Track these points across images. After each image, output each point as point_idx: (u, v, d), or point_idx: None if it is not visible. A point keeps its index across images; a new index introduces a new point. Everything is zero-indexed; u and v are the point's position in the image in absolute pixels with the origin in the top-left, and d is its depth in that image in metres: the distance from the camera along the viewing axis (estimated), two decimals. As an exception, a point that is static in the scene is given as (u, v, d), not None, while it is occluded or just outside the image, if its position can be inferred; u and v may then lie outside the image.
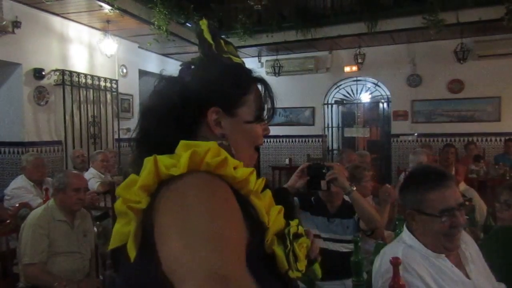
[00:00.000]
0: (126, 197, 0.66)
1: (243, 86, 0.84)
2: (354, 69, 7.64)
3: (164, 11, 5.47)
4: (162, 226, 0.60)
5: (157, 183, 0.65)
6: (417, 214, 1.44)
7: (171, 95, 0.79)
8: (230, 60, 0.86)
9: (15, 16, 4.61)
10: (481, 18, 5.82)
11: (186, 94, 0.78)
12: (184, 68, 0.85)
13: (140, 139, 0.81)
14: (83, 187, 2.60)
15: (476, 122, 6.96)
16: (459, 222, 1.36)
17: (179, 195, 0.62)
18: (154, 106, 0.80)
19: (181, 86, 0.80)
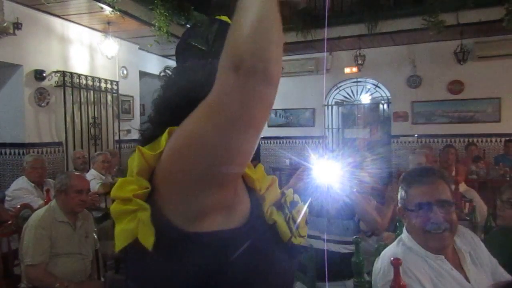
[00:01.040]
0: (121, 195, 0.68)
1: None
2: (354, 70, 7.65)
3: (165, 12, 5.48)
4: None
5: (148, 169, 0.69)
6: (404, 211, 1.48)
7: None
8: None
9: (16, 17, 4.61)
10: (481, 19, 5.83)
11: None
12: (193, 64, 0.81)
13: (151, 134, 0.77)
14: (85, 188, 2.61)
15: (476, 123, 6.97)
16: (438, 219, 1.36)
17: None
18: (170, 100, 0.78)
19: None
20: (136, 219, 0.67)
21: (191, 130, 0.63)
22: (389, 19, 6.33)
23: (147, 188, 0.68)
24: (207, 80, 0.66)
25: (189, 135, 0.63)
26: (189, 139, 0.63)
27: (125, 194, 0.68)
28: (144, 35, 6.04)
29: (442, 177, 1.48)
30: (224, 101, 0.57)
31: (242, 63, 0.55)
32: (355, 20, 6.52)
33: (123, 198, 0.68)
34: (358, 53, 7.37)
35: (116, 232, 0.69)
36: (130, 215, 0.68)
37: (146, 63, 7.34)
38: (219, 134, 0.59)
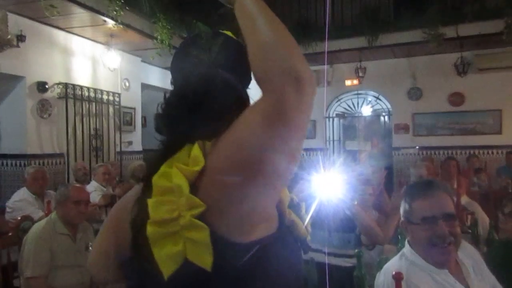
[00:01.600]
0: (164, 216, 0.65)
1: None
2: (355, 83, 7.68)
3: (167, 25, 5.53)
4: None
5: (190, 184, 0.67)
6: (407, 224, 1.46)
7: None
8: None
9: (20, 30, 4.66)
10: (480, 32, 5.88)
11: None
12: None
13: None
14: (84, 200, 2.58)
15: (477, 134, 6.97)
16: (444, 232, 1.35)
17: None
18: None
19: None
20: (181, 240, 0.64)
21: (252, 142, 0.63)
22: (389, 32, 6.38)
23: (201, 206, 0.65)
24: (226, 92, 0.73)
25: (251, 146, 0.63)
26: (252, 151, 0.63)
27: (168, 214, 0.65)
28: (147, 48, 6.09)
29: (445, 190, 1.48)
30: (285, 111, 0.60)
31: (299, 75, 0.60)
32: (355, 33, 6.57)
33: (165, 220, 0.65)
34: (359, 66, 7.41)
35: (160, 257, 0.64)
36: (173, 237, 0.65)
37: (148, 75, 7.39)
38: (283, 142, 0.62)
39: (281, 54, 0.63)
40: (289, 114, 0.61)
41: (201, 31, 0.86)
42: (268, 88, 0.62)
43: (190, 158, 0.68)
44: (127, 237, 0.74)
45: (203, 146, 0.69)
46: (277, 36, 0.65)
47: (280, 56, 0.62)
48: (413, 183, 1.63)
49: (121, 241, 0.78)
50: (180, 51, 0.89)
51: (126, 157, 6.51)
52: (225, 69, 0.77)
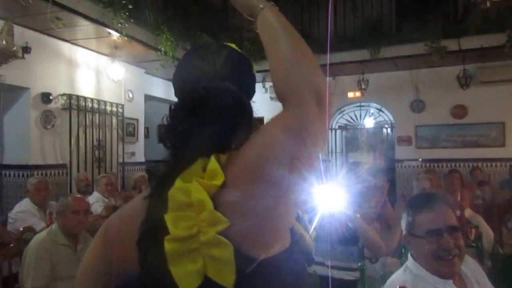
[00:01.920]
0: (185, 233, 0.62)
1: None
2: (358, 95, 7.70)
3: (171, 37, 5.59)
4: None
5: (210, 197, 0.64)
6: (410, 237, 1.46)
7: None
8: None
9: (26, 42, 4.72)
10: (483, 45, 5.90)
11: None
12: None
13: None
14: (82, 209, 2.57)
15: (480, 147, 6.95)
16: (449, 245, 1.34)
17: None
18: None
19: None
20: (200, 257, 0.62)
21: (277, 155, 0.63)
22: (392, 45, 6.42)
23: (225, 222, 0.62)
24: (236, 105, 0.73)
25: (276, 160, 0.63)
26: (277, 164, 0.63)
27: (188, 231, 0.62)
28: (150, 59, 6.14)
29: (447, 202, 1.48)
30: (308, 124, 0.63)
31: (320, 90, 0.64)
32: (358, 46, 6.61)
33: (185, 236, 0.62)
34: (361, 78, 7.44)
35: (179, 275, 0.62)
36: (192, 254, 0.62)
37: (151, 87, 7.43)
38: (306, 155, 0.64)
39: (303, 70, 0.66)
40: (311, 127, 0.63)
41: (205, 43, 0.84)
42: (290, 102, 0.64)
43: (208, 172, 0.66)
44: (127, 254, 0.71)
45: (218, 160, 0.67)
46: (299, 52, 0.69)
47: (302, 72, 0.65)
48: (415, 196, 1.63)
49: (119, 259, 0.75)
50: (183, 62, 0.87)
51: (128, 168, 6.52)
52: (230, 81, 0.77)
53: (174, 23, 5.78)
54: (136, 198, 0.86)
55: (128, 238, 0.72)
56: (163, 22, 5.55)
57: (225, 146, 0.71)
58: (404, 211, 1.52)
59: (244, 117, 0.77)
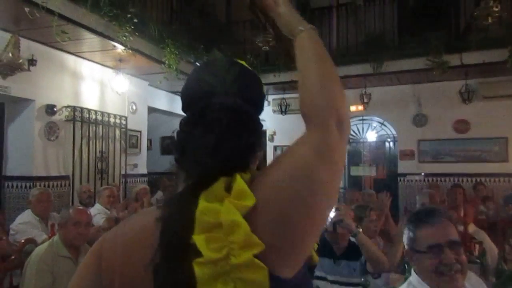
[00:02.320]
0: (218, 255, 0.61)
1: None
2: (360, 108, 7.72)
3: (175, 51, 5.64)
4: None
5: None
6: (412, 253, 1.45)
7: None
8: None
9: (32, 54, 4.77)
10: (485, 61, 5.93)
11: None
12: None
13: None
14: (83, 221, 2.56)
15: (483, 162, 6.92)
16: (451, 260, 1.33)
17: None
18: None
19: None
20: (230, 280, 0.60)
21: (308, 175, 0.65)
22: (394, 59, 6.46)
23: (260, 246, 0.61)
24: (255, 123, 0.76)
25: (307, 178, 0.65)
26: (309, 183, 0.65)
27: (219, 253, 0.61)
28: (154, 72, 6.19)
29: (449, 217, 1.48)
30: (331, 144, 0.67)
31: (342, 116, 0.69)
32: (360, 60, 6.65)
33: (216, 259, 0.61)
34: (364, 92, 7.46)
35: None
36: (222, 277, 0.61)
37: (154, 99, 7.48)
38: (332, 175, 0.67)
39: (330, 95, 0.71)
40: (335, 147, 0.67)
41: (215, 58, 0.83)
42: (315, 123, 0.69)
43: (235, 192, 0.65)
44: (132, 276, 0.70)
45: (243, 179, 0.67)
46: (329, 77, 0.74)
47: (329, 97, 0.70)
48: (416, 211, 1.62)
49: (120, 281, 0.72)
50: (193, 77, 0.85)
51: (130, 180, 6.52)
52: (242, 99, 0.77)
53: (179, 37, 5.85)
54: (138, 217, 0.83)
55: (135, 259, 0.70)
56: (167, 36, 5.61)
57: (245, 165, 0.72)
58: (406, 226, 1.52)
59: (259, 135, 0.78)
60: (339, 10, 7.52)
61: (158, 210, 0.70)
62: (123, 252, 0.73)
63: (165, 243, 0.65)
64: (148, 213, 0.76)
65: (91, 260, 0.80)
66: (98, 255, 0.78)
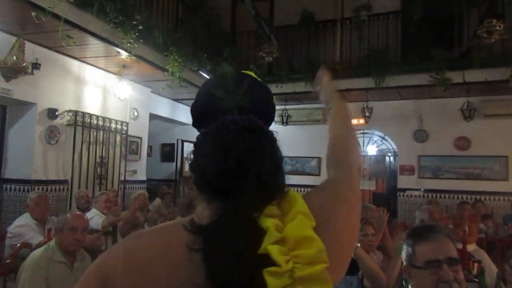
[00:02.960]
0: (287, 267, 0.63)
1: None
2: (361, 122, 7.73)
3: (179, 59, 5.67)
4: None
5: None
6: (410, 268, 1.44)
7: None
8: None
9: (36, 58, 4.79)
10: (487, 79, 5.95)
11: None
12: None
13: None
14: (80, 227, 2.54)
15: (483, 180, 6.91)
16: (449, 277, 1.32)
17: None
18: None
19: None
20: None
21: (350, 205, 0.81)
22: (396, 75, 6.48)
23: (327, 262, 0.64)
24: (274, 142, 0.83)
25: (349, 207, 0.80)
26: (350, 212, 0.80)
27: (286, 266, 0.62)
28: (157, 79, 6.22)
29: (447, 234, 1.47)
30: (358, 183, 0.90)
31: (360, 167, 0.94)
32: (362, 74, 6.68)
33: (284, 271, 0.62)
34: (366, 105, 7.48)
35: None
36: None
37: (156, 106, 7.50)
38: (360, 202, 0.89)
39: (353, 150, 0.97)
40: (358, 182, 0.89)
41: (225, 72, 0.82)
42: (344, 168, 0.89)
43: (295, 212, 0.69)
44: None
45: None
46: (352, 137, 1.04)
47: (353, 151, 0.96)
48: (415, 227, 1.62)
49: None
50: (204, 92, 0.83)
51: (129, 186, 6.50)
52: (255, 113, 0.78)
53: (183, 45, 5.88)
54: (155, 235, 0.77)
55: (156, 279, 0.68)
56: (172, 44, 5.64)
57: (282, 183, 0.75)
58: (405, 242, 1.51)
59: (278, 152, 0.82)
60: (343, 24, 7.58)
61: (178, 229, 0.70)
62: (140, 271, 0.70)
63: (232, 255, 0.64)
64: (167, 231, 0.76)
65: (95, 274, 0.74)
66: (103, 271, 0.73)
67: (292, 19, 7.64)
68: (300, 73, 7.10)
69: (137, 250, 0.73)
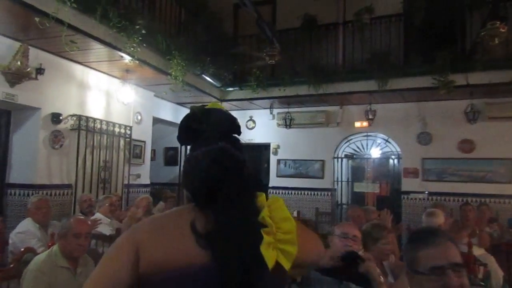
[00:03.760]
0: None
1: None
2: (365, 125, 7.72)
3: (182, 62, 5.68)
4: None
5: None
6: (412, 274, 1.40)
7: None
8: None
9: (40, 63, 4.82)
10: (490, 81, 5.92)
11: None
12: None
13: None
14: (84, 232, 2.55)
15: (488, 183, 6.85)
16: (453, 284, 1.29)
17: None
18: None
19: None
20: (275, 248, 0.96)
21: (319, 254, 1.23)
22: (400, 77, 6.46)
23: (295, 234, 1.00)
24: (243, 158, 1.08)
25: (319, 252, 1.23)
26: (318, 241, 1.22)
27: (274, 230, 0.97)
28: (160, 83, 6.23)
29: (450, 239, 1.44)
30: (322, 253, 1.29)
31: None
32: (366, 77, 6.67)
33: (273, 232, 0.96)
34: (369, 108, 7.47)
35: (267, 255, 0.93)
36: (272, 245, 0.95)
37: (160, 110, 7.52)
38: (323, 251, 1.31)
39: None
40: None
41: (196, 108, 1.12)
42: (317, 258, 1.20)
43: (280, 204, 1.04)
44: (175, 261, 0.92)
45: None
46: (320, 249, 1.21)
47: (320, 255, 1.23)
48: (417, 231, 1.59)
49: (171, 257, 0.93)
50: (183, 126, 1.13)
51: (133, 190, 6.51)
52: (221, 132, 1.07)
53: (185, 49, 5.89)
54: (168, 217, 1.06)
55: (175, 248, 0.93)
56: (175, 48, 5.66)
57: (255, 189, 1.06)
58: (407, 246, 1.48)
59: (244, 164, 1.07)
60: (345, 27, 7.57)
61: (184, 210, 1.01)
62: (164, 242, 0.94)
63: (240, 223, 0.96)
64: (177, 213, 1.05)
65: (127, 243, 0.96)
66: (135, 238, 0.96)
67: (294, 22, 7.64)
68: (303, 76, 7.10)
69: (160, 220, 1.04)
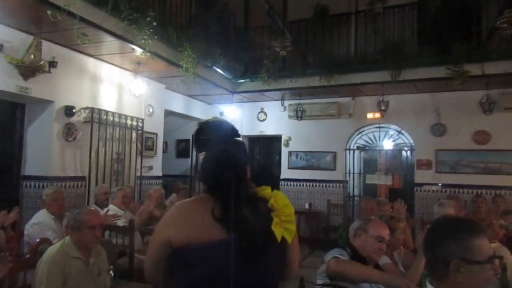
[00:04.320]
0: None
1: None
2: (377, 116, 7.64)
3: (193, 54, 5.68)
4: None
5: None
6: (465, 264, 1.30)
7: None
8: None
9: (53, 56, 4.86)
10: (506, 71, 5.80)
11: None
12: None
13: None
14: (98, 224, 2.58)
15: (503, 175, 6.74)
16: (498, 272, 1.32)
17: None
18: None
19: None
20: (281, 226, 1.33)
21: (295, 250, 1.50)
22: (413, 68, 6.36)
23: (294, 219, 1.41)
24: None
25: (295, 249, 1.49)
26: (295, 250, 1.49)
27: (279, 213, 1.33)
28: (172, 75, 6.24)
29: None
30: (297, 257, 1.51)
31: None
32: (378, 67, 6.59)
33: (279, 214, 1.32)
34: (381, 99, 7.38)
35: (276, 231, 1.29)
36: (279, 223, 1.31)
37: (171, 102, 7.54)
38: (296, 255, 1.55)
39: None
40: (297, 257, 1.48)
41: (202, 123, 1.43)
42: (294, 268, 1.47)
43: (281, 196, 1.38)
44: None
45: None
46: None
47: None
48: (461, 219, 1.48)
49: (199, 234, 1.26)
50: (195, 138, 1.42)
51: (145, 182, 6.56)
52: (227, 142, 1.40)
53: (196, 41, 5.88)
54: (188, 207, 1.37)
55: (196, 232, 1.27)
56: (186, 40, 5.65)
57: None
58: (453, 235, 1.36)
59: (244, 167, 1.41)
60: (357, 17, 7.48)
61: (203, 199, 1.35)
62: (189, 225, 1.29)
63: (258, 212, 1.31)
64: (197, 201, 1.38)
65: (159, 238, 1.33)
66: (166, 231, 1.31)
67: (306, 13, 7.57)
68: (315, 68, 7.04)
69: (184, 208, 1.37)
